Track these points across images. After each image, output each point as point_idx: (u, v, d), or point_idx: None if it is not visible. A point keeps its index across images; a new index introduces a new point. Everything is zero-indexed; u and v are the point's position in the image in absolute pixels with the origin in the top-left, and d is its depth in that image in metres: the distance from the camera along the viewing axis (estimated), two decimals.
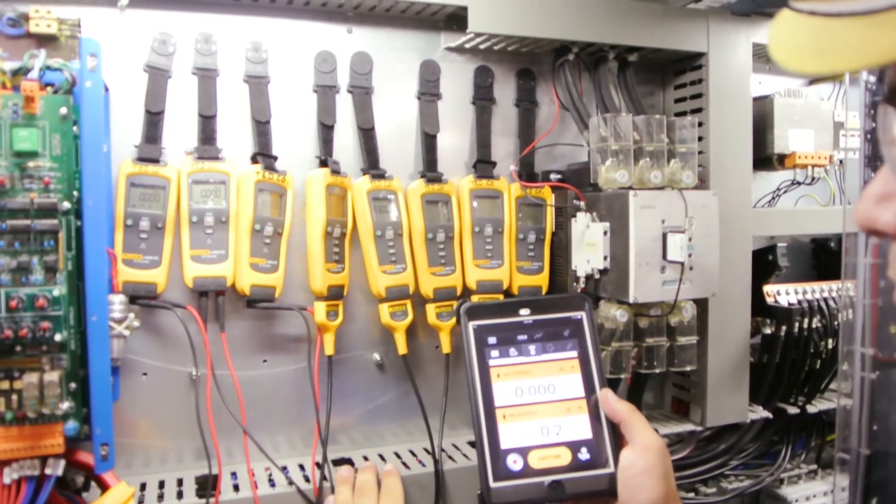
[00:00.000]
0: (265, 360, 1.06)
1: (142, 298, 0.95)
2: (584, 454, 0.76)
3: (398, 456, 1.11)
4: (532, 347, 0.80)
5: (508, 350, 0.80)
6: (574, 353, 0.81)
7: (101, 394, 0.76)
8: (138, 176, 0.94)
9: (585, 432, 0.77)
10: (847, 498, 1.01)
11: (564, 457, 0.76)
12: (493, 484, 0.74)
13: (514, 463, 0.75)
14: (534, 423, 0.77)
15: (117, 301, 0.88)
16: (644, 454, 0.72)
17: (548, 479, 0.75)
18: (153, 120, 0.97)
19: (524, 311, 0.82)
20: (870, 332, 0.96)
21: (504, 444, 0.76)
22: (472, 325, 0.80)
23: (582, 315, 0.82)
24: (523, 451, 0.76)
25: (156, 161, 0.96)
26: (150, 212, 0.95)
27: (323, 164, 1.05)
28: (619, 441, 0.76)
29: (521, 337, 0.81)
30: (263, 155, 1.01)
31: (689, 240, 1.02)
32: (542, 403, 0.78)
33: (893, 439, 0.96)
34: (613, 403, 0.76)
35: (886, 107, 0.39)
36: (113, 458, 0.77)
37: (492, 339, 0.80)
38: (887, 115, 0.38)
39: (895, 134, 0.38)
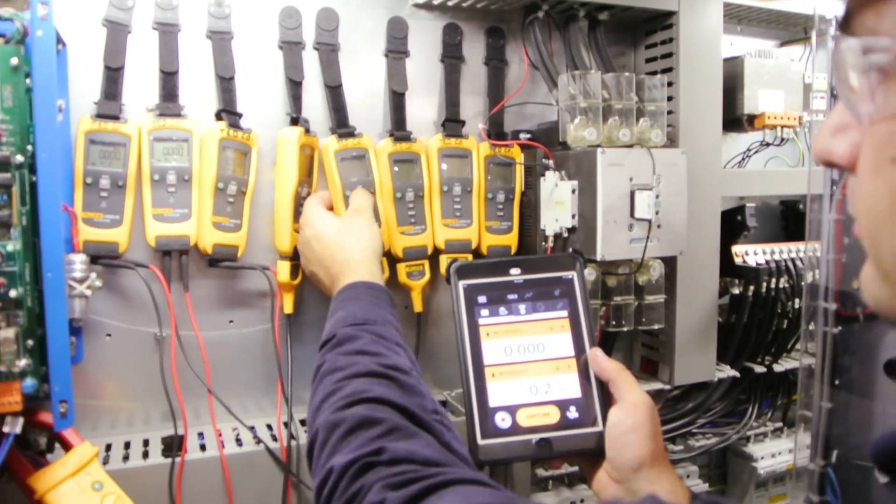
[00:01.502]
0: (231, 321, 1.05)
1: (103, 258, 0.93)
2: (572, 413, 0.76)
3: None
4: (522, 307, 0.80)
5: (498, 309, 0.80)
6: (564, 313, 0.81)
7: (59, 350, 0.74)
8: (98, 133, 0.92)
9: (574, 391, 0.77)
10: (809, 452, 1.02)
11: (553, 415, 0.76)
12: (480, 441, 0.74)
13: (503, 421, 0.75)
14: (523, 381, 0.77)
15: (78, 261, 0.87)
16: (632, 412, 0.72)
17: (536, 437, 0.75)
18: (112, 76, 0.94)
19: (515, 271, 0.81)
20: (833, 288, 0.97)
21: (493, 402, 0.76)
22: (462, 284, 0.80)
23: (573, 275, 0.82)
24: (512, 410, 0.76)
25: (115, 118, 0.94)
26: (110, 170, 0.93)
27: (294, 122, 1.03)
28: (608, 400, 0.76)
29: (512, 296, 0.81)
30: (228, 112, 0.99)
31: (657, 197, 1.02)
32: (531, 362, 0.78)
33: (854, 393, 0.97)
34: (602, 362, 0.77)
35: (840, 38, 0.38)
36: (72, 415, 0.76)
37: (482, 299, 0.80)
38: (840, 48, 0.38)
39: (848, 66, 0.38)
